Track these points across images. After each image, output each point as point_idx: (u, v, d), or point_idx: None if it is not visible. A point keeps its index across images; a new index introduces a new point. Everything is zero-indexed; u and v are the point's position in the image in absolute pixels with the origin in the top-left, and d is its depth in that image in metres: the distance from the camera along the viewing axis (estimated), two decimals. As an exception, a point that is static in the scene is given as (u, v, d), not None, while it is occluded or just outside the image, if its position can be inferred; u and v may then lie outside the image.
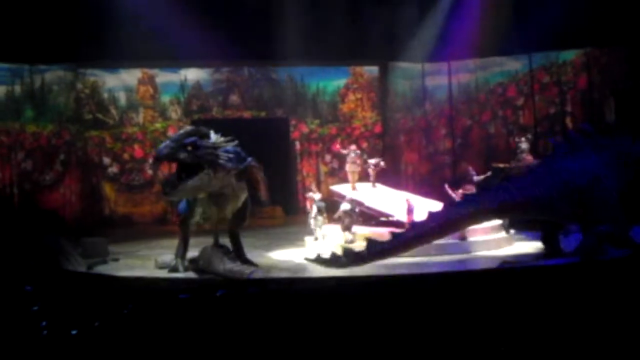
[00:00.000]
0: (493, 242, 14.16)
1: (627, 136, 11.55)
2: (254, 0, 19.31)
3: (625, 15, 17.99)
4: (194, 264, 12.38)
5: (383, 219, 14.91)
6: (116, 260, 14.08)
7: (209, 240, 12.54)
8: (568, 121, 20.59)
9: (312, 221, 14.37)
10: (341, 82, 21.74)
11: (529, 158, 17.52)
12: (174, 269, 12.22)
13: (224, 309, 6.72)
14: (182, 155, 10.89)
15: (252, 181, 12.21)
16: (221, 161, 11.22)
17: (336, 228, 14.04)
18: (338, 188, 16.66)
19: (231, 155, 11.52)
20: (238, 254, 12.46)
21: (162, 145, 11.22)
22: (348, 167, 16.68)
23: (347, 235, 13.51)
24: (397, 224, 14.01)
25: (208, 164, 11.04)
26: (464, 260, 12.87)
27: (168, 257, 12.79)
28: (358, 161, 16.55)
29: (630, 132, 11.70)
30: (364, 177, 16.79)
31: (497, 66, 21.30)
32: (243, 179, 12.06)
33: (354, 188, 16.27)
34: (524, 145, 17.93)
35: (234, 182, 11.78)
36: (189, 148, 10.92)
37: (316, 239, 14.33)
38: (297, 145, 21.18)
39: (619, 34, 18.77)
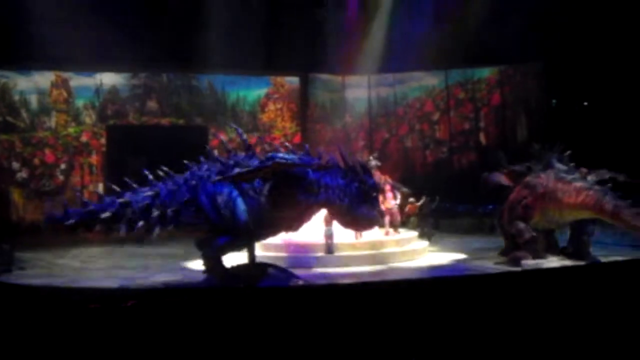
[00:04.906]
0: (408, 252, 14.38)
1: None
2: (176, 7, 19.05)
3: (538, 34, 18.69)
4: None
5: None
6: (22, 269, 13.53)
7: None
8: (482, 137, 21.24)
9: None
10: (262, 91, 21.69)
11: (377, 174, 18.25)
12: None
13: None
14: None
15: None
16: None
17: None
18: None
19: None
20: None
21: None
22: None
23: None
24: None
25: None
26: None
27: None
28: None
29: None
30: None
31: (415, 81, 21.79)
32: None
33: None
34: (373, 162, 18.70)
35: None
36: None
37: None
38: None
39: (531, 52, 19.50)
